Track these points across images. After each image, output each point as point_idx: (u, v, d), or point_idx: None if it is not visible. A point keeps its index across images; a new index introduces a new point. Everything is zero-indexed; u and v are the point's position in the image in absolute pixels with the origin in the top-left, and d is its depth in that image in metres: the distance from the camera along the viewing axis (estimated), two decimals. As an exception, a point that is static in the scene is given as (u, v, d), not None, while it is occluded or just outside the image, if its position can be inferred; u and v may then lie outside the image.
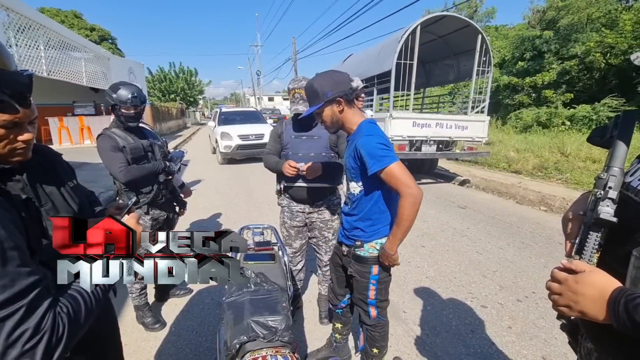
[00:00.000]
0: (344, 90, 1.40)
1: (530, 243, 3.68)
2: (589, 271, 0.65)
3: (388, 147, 1.35)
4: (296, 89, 1.94)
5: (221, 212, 4.73)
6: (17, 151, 0.78)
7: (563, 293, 0.68)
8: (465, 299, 2.61)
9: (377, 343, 1.67)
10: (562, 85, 14.34)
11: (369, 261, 1.53)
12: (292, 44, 21.55)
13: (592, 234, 0.71)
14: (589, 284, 0.63)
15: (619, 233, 0.69)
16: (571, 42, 14.11)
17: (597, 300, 0.61)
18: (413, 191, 1.28)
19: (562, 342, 2.11)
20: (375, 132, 1.39)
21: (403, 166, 1.33)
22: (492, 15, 23.01)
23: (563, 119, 12.15)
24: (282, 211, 2.25)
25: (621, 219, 0.69)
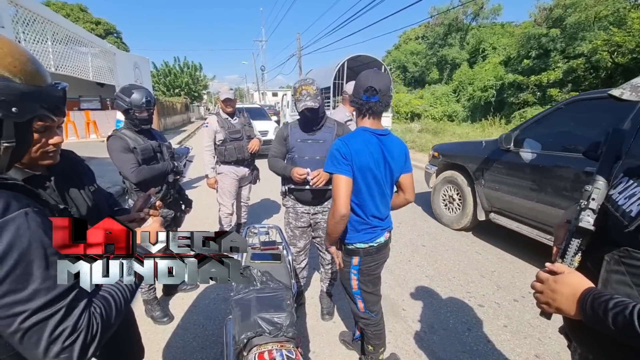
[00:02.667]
0: (353, 97, 1.48)
1: (529, 243, 3.74)
2: (567, 272, 0.75)
3: (346, 158, 1.41)
4: (303, 86, 2.00)
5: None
6: (49, 154, 0.81)
7: (544, 291, 0.77)
8: (463, 297, 2.69)
9: (371, 341, 1.74)
10: (568, 84, 14.26)
11: (351, 252, 1.59)
12: (297, 39, 21.52)
13: (574, 240, 0.80)
14: (565, 284, 0.73)
15: (598, 240, 0.77)
16: (578, 40, 14.00)
17: (571, 297, 0.71)
18: (338, 208, 1.39)
19: (555, 341, 2.19)
20: (348, 140, 1.45)
21: (345, 181, 1.40)
22: (498, 12, 22.85)
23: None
24: (287, 212, 2.33)
25: (601, 228, 0.77)
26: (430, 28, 25.42)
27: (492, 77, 18.24)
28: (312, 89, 2.00)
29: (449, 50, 23.18)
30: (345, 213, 1.40)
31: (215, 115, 3.34)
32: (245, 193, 3.75)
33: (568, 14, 14.21)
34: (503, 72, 17.78)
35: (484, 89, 18.24)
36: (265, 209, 5.00)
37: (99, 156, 8.47)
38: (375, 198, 1.51)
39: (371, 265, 1.59)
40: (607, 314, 0.61)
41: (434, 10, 23.75)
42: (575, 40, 14.04)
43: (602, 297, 0.64)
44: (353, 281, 1.61)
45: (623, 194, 0.75)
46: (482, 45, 21.83)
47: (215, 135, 3.27)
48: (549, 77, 14.46)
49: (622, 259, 0.69)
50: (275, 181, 3.57)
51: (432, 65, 25.05)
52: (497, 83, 17.76)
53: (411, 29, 29.41)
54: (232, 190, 3.47)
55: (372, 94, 1.44)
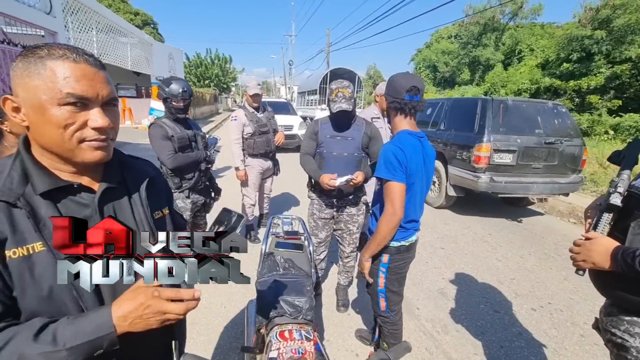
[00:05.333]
0: (393, 96, 1.51)
1: (553, 255, 3.65)
2: (599, 237, 1.03)
3: (400, 162, 1.44)
4: (340, 88, 2.08)
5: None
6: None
7: (581, 252, 1.06)
8: (479, 302, 2.70)
9: (386, 339, 1.79)
10: (610, 91, 13.45)
11: (382, 250, 1.62)
12: (327, 35, 21.50)
13: (605, 215, 1.07)
14: (599, 244, 1.01)
15: (623, 214, 1.04)
16: (625, 44, 13.15)
17: (604, 254, 0.98)
18: (395, 212, 1.44)
19: (572, 353, 2.16)
20: (404, 144, 1.47)
21: (400, 188, 1.44)
22: (538, 12, 21.74)
23: (607, 127, 11.47)
24: (311, 203, 2.42)
25: (626, 206, 1.05)
26: (465, 27, 24.61)
27: (528, 80, 17.49)
28: (347, 92, 2.07)
29: (483, 51, 22.38)
30: (402, 217, 1.48)
31: (242, 109, 3.47)
32: (268, 185, 3.88)
33: (617, 15, 13.35)
34: (539, 76, 17.00)
35: (518, 92, 17.53)
36: (286, 201, 5.13)
37: (134, 142, 8.92)
38: (417, 202, 1.56)
39: (400, 264, 1.65)
40: (635, 260, 0.88)
41: (470, 9, 22.97)
42: (623, 43, 13.18)
43: (629, 250, 0.93)
44: (380, 279, 1.67)
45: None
46: (519, 46, 20.91)
47: (244, 129, 3.40)
48: (590, 83, 13.69)
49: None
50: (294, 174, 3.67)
51: (464, 65, 24.29)
52: (532, 87, 17.02)
53: (444, 27, 28.62)
54: (256, 183, 3.61)
55: (415, 94, 1.47)
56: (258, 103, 3.46)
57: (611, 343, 1.12)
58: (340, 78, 12.20)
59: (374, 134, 2.26)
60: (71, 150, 0.64)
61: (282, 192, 5.51)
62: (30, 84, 0.60)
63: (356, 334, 2.26)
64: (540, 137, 4.46)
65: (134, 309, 0.64)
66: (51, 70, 0.60)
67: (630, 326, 1.05)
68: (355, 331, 2.29)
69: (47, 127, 0.61)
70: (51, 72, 0.60)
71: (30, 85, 0.60)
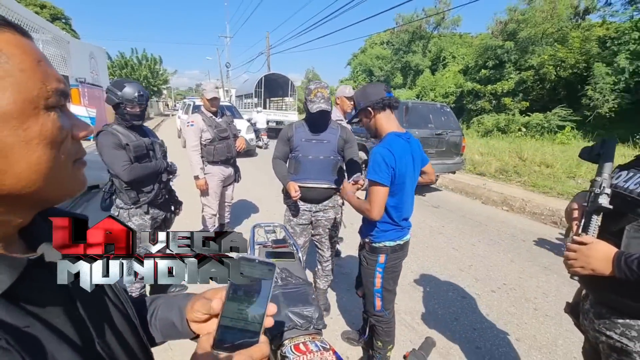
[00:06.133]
0: (372, 101, 1.54)
1: (497, 240, 4.08)
2: (595, 242, 0.98)
3: (389, 165, 1.49)
4: (319, 88, 2.06)
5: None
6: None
7: (578, 258, 1.00)
8: (447, 290, 2.89)
9: (380, 337, 1.83)
10: (519, 94, 15.54)
11: (378, 251, 1.68)
12: (266, 38, 21.27)
13: (594, 217, 1.02)
14: (597, 250, 0.97)
15: (611, 216, 1.01)
16: (528, 53, 15.31)
17: (604, 260, 0.94)
18: (372, 214, 1.53)
19: (531, 326, 2.43)
20: (393, 147, 1.51)
21: (383, 192, 1.51)
22: (457, 23, 24.28)
23: (520, 125, 13.22)
24: (287, 210, 2.35)
25: (614, 208, 1.00)
26: (396, 34, 26.36)
27: (453, 84, 19.35)
28: (326, 92, 2.07)
29: (413, 57, 24.20)
30: (377, 219, 1.54)
31: (199, 114, 3.26)
32: (229, 193, 3.70)
33: (521, 28, 15.49)
34: (462, 80, 18.93)
35: (445, 95, 19.29)
36: (244, 208, 4.94)
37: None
38: (409, 200, 1.62)
39: (395, 262, 1.68)
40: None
41: (400, 17, 24.69)
42: (527, 53, 15.34)
43: (633, 256, 0.89)
44: (377, 279, 1.69)
45: (630, 181, 1.01)
46: (443, 53, 23.05)
47: (202, 135, 3.19)
48: (503, 87, 15.66)
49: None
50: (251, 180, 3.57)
51: (397, 70, 25.99)
52: (457, 90, 18.88)
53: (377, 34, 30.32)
54: (217, 191, 3.42)
55: (389, 91, 1.59)
56: (216, 107, 3.28)
57: (606, 345, 1.07)
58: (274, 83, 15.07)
59: (348, 137, 2.29)
60: (64, 181, 0.42)
61: (239, 200, 5.29)
62: None
63: (343, 337, 2.26)
64: (432, 129, 6.02)
65: None
66: (9, 49, 0.35)
67: (626, 329, 1.01)
68: (341, 334, 2.29)
69: (30, 149, 0.36)
70: (12, 52, 0.36)
71: None
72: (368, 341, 2.01)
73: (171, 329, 0.67)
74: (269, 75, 16.94)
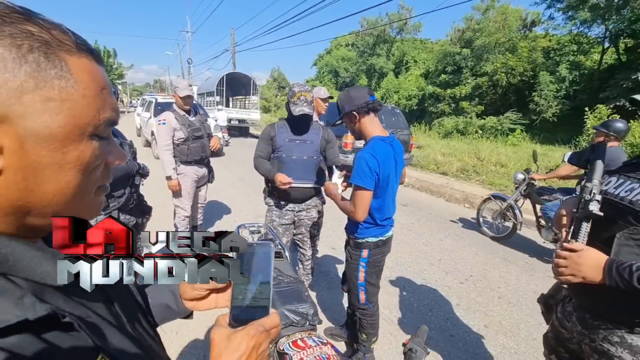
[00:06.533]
0: (357, 105, 1.60)
1: (462, 235, 4.36)
2: (585, 249, 0.98)
3: (372, 170, 1.56)
4: (302, 92, 2.08)
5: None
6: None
7: (568, 265, 0.99)
8: (420, 284, 3.05)
9: (365, 330, 1.90)
10: (475, 98, 16.60)
11: (361, 246, 1.75)
12: (231, 35, 20.77)
13: (584, 224, 1.01)
14: (588, 257, 0.96)
15: (601, 223, 1.00)
16: (483, 61, 16.40)
17: (594, 267, 0.94)
18: (356, 216, 1.61)
19: (497, 313, 2.65)
20: (377, 152, 1.58)
21: (367, 195, 1.58)
22: (418, 29, 25.36)
23: (476, 128, 14.11)
24: (269, 210, 2.36)
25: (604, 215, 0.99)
26: (361, 37, 26.96)
27: (415, 87, 20.19)
28: (309, 96, 2.09)
29: (377, 60, 24.90)
30: (361, 220, 1.62)
31: (171, 112, 3.15)
32: (203, 194, 3.61)
33: (476, 37, 16.54)
34: (424, 84, 19.81)
35: (408, 97, 20.08)
36: (216, 210, 4.83)
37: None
38: (391, 200, 1.69)
39: (378, 257, 1.76)
40: (632, 275, 0.85)
41: (365, 21, 25.31)
42: (482, 60, 16.41)
43: (624, 264, 0.88)
44: (360, 273, 1.75)
45: (620, 188, 1.02)
46: (406, 57, 23.98)
47: (174, 134, 3.09)
48: (461, 91, 16.63)
49: (631, 235, 0.95)
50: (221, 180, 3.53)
51: (362, 72, 26.59)
52: (419, 93, 19.72)
53: (342, 36, 30.81)
54: (191, 192, 3.32)
55: (372, 94, 1.66)
56: (189, 105, 3.18)
57: (588, 347, 1.10)
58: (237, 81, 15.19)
59: (330, 137, 2.34)
60: (84, 206, 0.42)
61: (209, 201, 5.15)
62: (40, 96, 0.34)
63: (326, 333, 2.31)
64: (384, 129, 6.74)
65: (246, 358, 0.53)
66: (77, 74, 0.36)
67: (609, 335, 1.02)
68: (324, 330, 2.33)
69: (64, 173, 0.37)
70: (80, 78, 0.36)
71: (38, 98, 0.33)
72: (352, 335, 2.08)
73: (165, 312, 0.70)
74: (231, 73, 16.84)
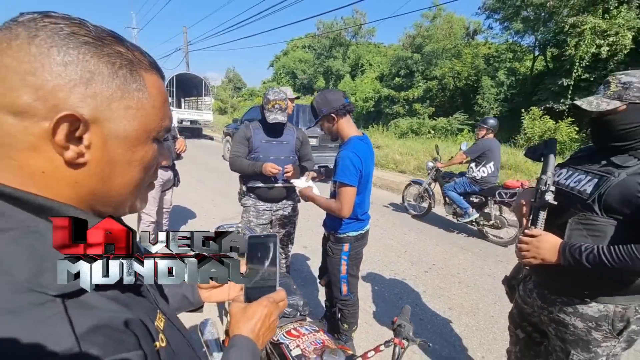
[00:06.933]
0: (335, 107, 1.70)
1: (422, 229, 4.67)
2: (543, 234, 1.15)
3: (357, 168, 1.66)
4: (277, 100, 2.12)
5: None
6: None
7: (530, 249, 1.17)
8: (389, 275, 3.24)
9: (347, 319, 2.01)
10: (427, 100, 17.61)
11: (342, 240, 1.86)
12: (184, 33, 19.95)
13: (541, 213, 1.18)
14: (545, 242, 1.14)
15: (555, 211, 1.17)
16: (432, 65, 17.46)
17: (552, 250, 1.12)
18: (343, 213, 1.68)
19: (459, 296, 2.91)
20: (358, 151, 1.68)
21: (353, 192, 1.67)
22: (372, 34, 26.33)
23: (429, 128, 14.99)
24: (246, 211, 2.38)
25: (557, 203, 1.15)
26: (317, 39, 27.33)
27: (371, 90, 20.91)
28: (284, 104, 2.15)
29: (334, 62, 25.42)
30: (347, 216, 1.69)
31: None
32: (168, 198, 3.50)
33: (426, 43, 17.57)
34: (379, 87, 20.60)
35: (365, 99, 20.74)
36: (180, 214, 4.68)
37: None
38: (368, 196, 1.80)
39: (358, 250, 1.87)
40: (582, 255, 1.04)
41: (320, 23, 25.68)
42: (431, 65, 17.47)
43: (575, 246, 1.06)
44: (343, 266, 1.85)
45: (570, 179, 1.20)
46: (361, 60, 24.76)
47: None
48: (414, 94, 17.55)
49: (580, 220, 1.13)
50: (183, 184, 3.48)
51: (319, 74, 26.95)
52: (375, 95, 20.46)
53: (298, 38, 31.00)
54: (156, 197, 3.21)
55: (346, 97, 1.77)
56: None
57: (547, 318, 1.27)
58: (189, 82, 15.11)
59: (304, 138, 2.42)
60: (135, 200, 0.49)
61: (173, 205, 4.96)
62: (123, 104, 0.41)
63: (306, 327, 2.38)
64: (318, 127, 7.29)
65: (261, 324, 0.64)
66: (149, 88, 0.44)
67: (564, 306, 1.20)
68: (304, 325, 2.41)
69: (130, 169, 0.44)
70: (151, 91, 0.44)
71: (122, 106, 0.41)
72: (332, 327, 2.17)
73: (181, 302, 0.76)
74: (181, 74, 16.37)
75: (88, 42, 0.39)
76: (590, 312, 1.16)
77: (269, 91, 2.19)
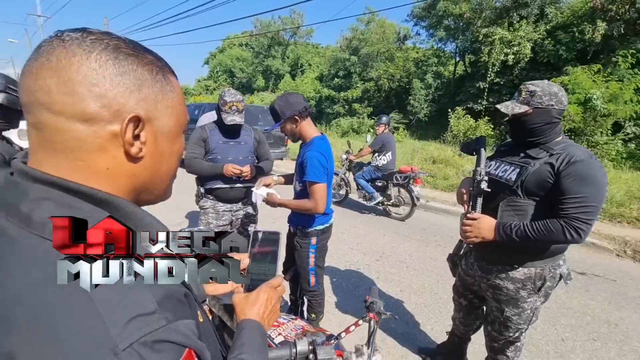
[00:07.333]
0: (298, 110, 1.78)
1: (370, 222, 4.99)
2: (482, 217, 1.41)
3: (324, 166, 1.77)
4: (234, 102, 2.13)
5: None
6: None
7: (472, 230, 1.43)
8: (345, 266, 3.43)
9: (315, 309, 2.13)
10: (365, 100, 18.51)
11: (310, 234, 1.96)
12: (104, 25, 18.08)
13: (478, 199, 1.44)
14: (484, 223, 1.40)
15: (489, 197, 1.42)
16: (369, 67, 18.41)
17: (489, 229, 1.39)
18: (318, 209, 1.78)
19: (406, 279, 3.21)
20: (323, 150, 1.80)
21: (324, 188, 1.78)
22: (310, 34, 26.77)
23: (368, 127, 15.78)
24: (204, 213, 2.34)
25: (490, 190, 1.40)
26: (255, 38, 26.89)
27: (312, 89, 21.28)
28: (241, 105, 2.16)
29: (273, 61, 25.29)
30: (320, 212, 1.79)
31: None
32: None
33: (362, 46, 18.45)
34: (320, 87, 21.05)
35: (307, 99, 21.02)
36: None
37: None
38: (330, 192, 1.91)
39: (324, 242, 1.99)
40: (512, 232, 1.31)
41: (258, 22, 25.32)
42: (367, 67, 18.40)
43: (507, 224, 1.33)
44: (311, 259, 1.95)
45: (498, 170, 1.48)
46: (301, 60, 25.03)
47: None
48: (353, 94, 18.32)
49: (508, 203, 1.40)
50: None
51: (259, 73, 26.58)
52: (316, 95, 20.87)
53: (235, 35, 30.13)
54: None
55: (306, 100, 1.88)
56: None
57: (486, 285, 1.55)
58: None
59: (261, 138, 2.46)
60: (170, 185, 0.57)
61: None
62: (164, 104, 0.48)
63: (272, 323, 2.43)
64: (262, 126, 7.59)
65: (264, 308, 0.72)
66: (176, 88, 0.51)
67: (499, 273, 1.48)
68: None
69: (171, 159, 0.53)
70: (177, 91, 0.51)
71: (163, 106, 0.48)
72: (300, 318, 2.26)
73: None
74: None
75: (131, 54, 0.45)
76: (518, 275, 1.45)
77: (225, 93, 2.18)
